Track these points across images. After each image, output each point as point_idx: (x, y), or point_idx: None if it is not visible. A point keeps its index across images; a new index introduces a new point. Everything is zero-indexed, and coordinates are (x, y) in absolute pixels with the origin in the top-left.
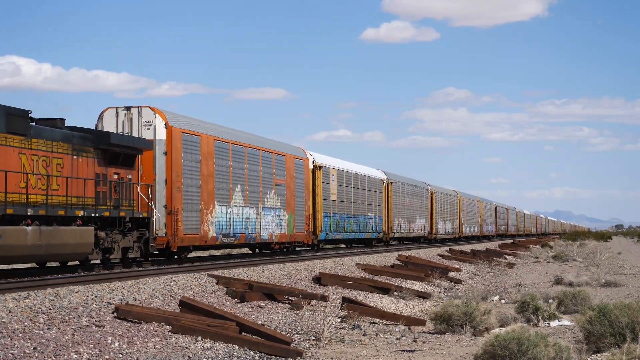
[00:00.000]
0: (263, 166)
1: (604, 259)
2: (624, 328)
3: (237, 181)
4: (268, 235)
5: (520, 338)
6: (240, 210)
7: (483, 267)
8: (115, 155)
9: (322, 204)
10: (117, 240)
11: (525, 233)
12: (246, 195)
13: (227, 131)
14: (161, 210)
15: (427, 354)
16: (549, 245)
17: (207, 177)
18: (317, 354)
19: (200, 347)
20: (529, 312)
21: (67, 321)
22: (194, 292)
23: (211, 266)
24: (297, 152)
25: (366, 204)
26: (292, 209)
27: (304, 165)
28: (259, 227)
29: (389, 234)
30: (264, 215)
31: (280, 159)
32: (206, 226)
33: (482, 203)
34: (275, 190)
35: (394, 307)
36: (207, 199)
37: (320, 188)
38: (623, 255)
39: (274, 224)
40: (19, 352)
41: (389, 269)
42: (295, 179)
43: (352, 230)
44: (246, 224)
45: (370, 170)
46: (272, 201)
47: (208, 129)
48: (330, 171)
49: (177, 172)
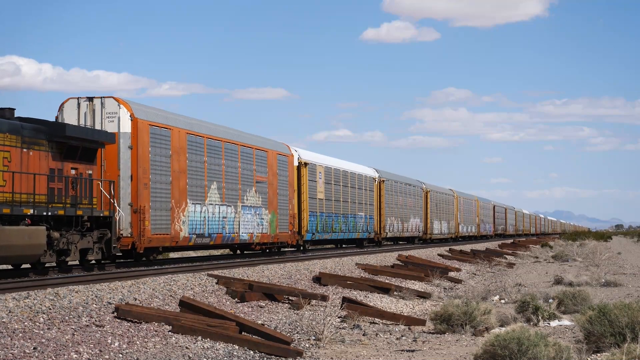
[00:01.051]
0: (242, 162)
1: (604, 259)
2: (624, 328)
3: (213, 178)
4: (248, 236)
5: (520, 338)
6: (216, 208)
7: (483, 267)
8: (73, 149)
9: (308, 203)
10: (74, 241)
11: (525, 233)
12: (223, 193)
13: (201, 124)
14: (126, 208)
15: (427, 354)
16: (549, 245)
17: (179, 173)
18: (317, 353)
19: (200, 347)
20: (529, 312)
21: (67, 321)
22: (194, 292)
23: (211, 266)
24: (281, 148)
25: (356, 203)
26: (274, 207)
27: (288, 161)
28: (238, 227)
29: (381, 234)
30: (243, 214)
31: (261, 154)
32: (177, 226)
33: (480, 202)
34: (256, 187)
35: (394, 307)
36: (179, 197)
37: (306, 186)
38: (623, 255)
39: (255, 224)
40: (19, 352)
41: (389, 269)
42: (279, 176)
43: (340, 230)
44: (223, 223)
45: (360, 167)
46: (252, 199)
47: (180, 121)
48: (317, 168)
49: (144, 168)
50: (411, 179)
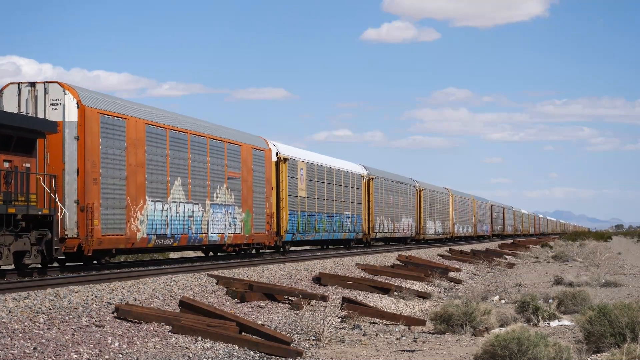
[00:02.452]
0: (212, 157)
1: (604, 259)
2: (624, 328)
3: (176, 173)
4: (218, 236)
5: (520, 338)
6: (180, 207)
7: (483, 267)
8: (6, 139)
9: (287, 201)
10: (7, 242)
11: (523, 233)
12: (189, 190)
13: (163, 114)
14: (72, 206)
15: (427, 354)
16: (548, 246)
17: (136, 167)
18: (317, 354)
19: (200, 347)
20: (529, 312)
21: (67, 321)
22: (194, 292)
23: (211, 266)
24: (257, 142)
25: (342, 202)
26: (249, 206)
27: (265, 156)
28: (207, 227)
29: (370, 234)
30: (212, 213)
31: (234, 149)
32: (134, 225)
33: (477, 202)
34: (227, 184)
35: (394, 307)
36: (136, 194)
37: (285, 183)
38: (623, 255)
39: (226, 223)
40: (19, 352)
41: (389, 269)
42: (254, 172)
43: (325, 230)
44: (189, 223)
45: (347, 164)
46: (223, 197)
47: (137, 110)
48: (299, 164)
49: (93, 161)
50: (403, 176)
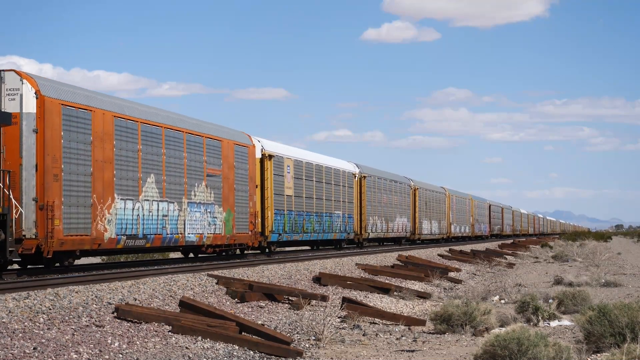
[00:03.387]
0: (189, 152)
1: (604, 259)
2: (624, 328)
3: (149, 170)
4: (196, 237)
5: (520, 338)
6: (154, 205)
7: (483, 267)
8: None
9: (273, 200)
10: None
11: (522, 233)
12: (163, 187)
13: (134, 107)
14: (30, 204)
15: (427, 354)
16: (548, 246)
17: (103, 163)
18: (317, 354)
19: (200, 347)
20: (529, 312)
21: (67, 321)
22: (194, 292)
23: (211, 266)
24: (239, 138)
25: (332, 201)
26: (230, 205)
27: (249, 153)
28: (183, 227)
29: (363, 234)
30: (190, 212)
31: (214, 144)
32: (101, 225)
33: (474, 201)
34: (206, 182)
35: (394, 307)
36: (103, 191)
37: (270, 181)
38: (623, 255)
39: (205, 223)
40: (19, 352)
41: (389, 269)
42: (236, 170)
43: (313, 230)
44: (163, 222)
45: (338, 162)
46: (201, 195)
47: (105, 102)
48: (285, 161)
49: (54, 156)
50: (397, 175)
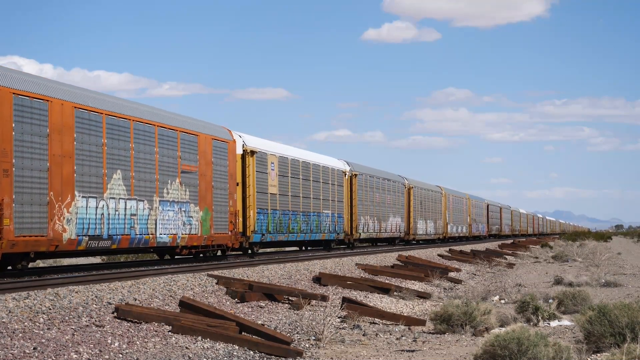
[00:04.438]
0: (161, 147)
1: (604, 259)
2: (624, 328)
3: (115, 165)
4: (169, 237)
5: (520, 338)
6: (121, 203)
7: (483, 267)
8: None
9: (255, 198)
10: None
11: (521, 233)
12: (132, 184)
13: (99, 98)
14: None
15: (427, 354)
16: (548, 246)
17: (62, 158)
18: (317, 354)
19: (200, 347)
20: (529, 312)
21: (67, 321)
22: (194, 292)
23: (211, 266)
24: (218, 132)
25: (321, 199)
26: (208, 203)
27: (229, 148)
28: (154, 227)
29: (353, 234)
30: (162, 211)
31: (189, 139)
32: (59, 225)
33: (472, 201)
34: (181, 179)
35: (394, 307)
36: (62, 188)
37: (252, 178)
38: (623, 255)
39: (180, 223)
40: (19, 352)
41: (389, 269)
42: (214, 166)
43: (300, 230)
44: (132, 222)
45: (327, 159)
46: (175, 193)
47: (65, 92)
48: (269, 158)
49: (4, 150)
50: (391, 173)
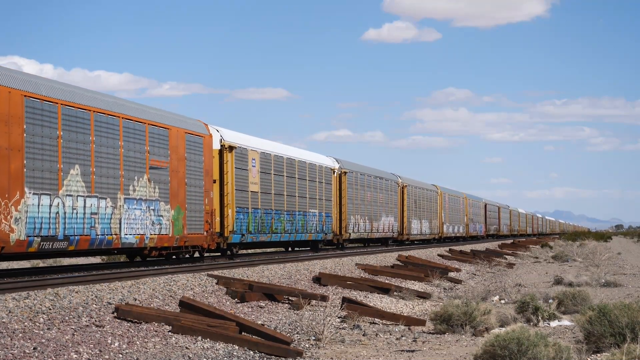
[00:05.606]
0: (127, 141)
1: (604, 259)
2: (624, 328)
3: (73, 160)
4: (136, 238)
5: (520, 338)
6: (79, 201)
7: (483, 267)
8: None
9: (234, 196)
10: None
11: (520, 233)
12: (92, 181)
13: (54, 86)
14: None
15: (427, 354)
16: (548, 246)
17: (9, 151)
18: (317, 354)
19: (200, 347)
20: (528, 312)
21: (67, 321)
22: (194, 292)
23: (211, 266)
24: (193, 126)
25: (307, 198)
26: (181, 201)
27: (204, 143)
28: (118, 226)
29: (343, 234)
30: (128, 209)
31: (159, 133)
32: (5, 225)
33: (469, 200)
34: (149, 175)
35: (394, 307)
36: (9, 185)
37: (231, 175)
38: (623, 255)
39: (148, 222)
40: (19, 352)
41: (388, 269)
42: (188, 162)
43: (284, 230)
44: (92, 221)
45: (314, 155)
46: (143, 190)
47: (12, 79)
48: (250, 154)
49: None
50: (383, 171)
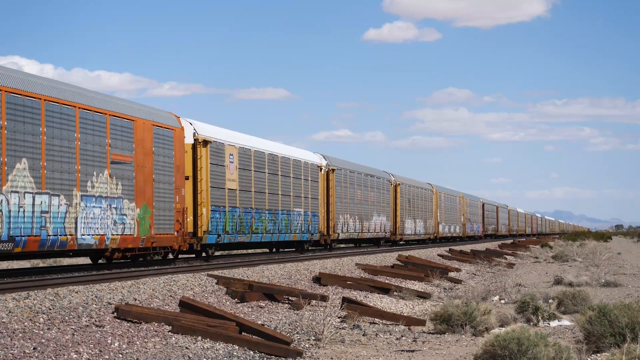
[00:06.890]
0: (85, 133)
1: (604, 259)
2: (624, 328)
3: (19, 153)
4: (95, 239)
5: (520, 338)
6: (27, 198)
7: (483, 267)
8: None
9: (209, 194)
10: None
11: (519, 233)
12: (42, 176)
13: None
14: None
15: (427, 354)
16: (548, 246)
17: None
18: (317, 354)
19: (200, 347)
20: (529, 312)
21: (67, 321)
22: (194, 292)
23: (211, 266)
24: (162, 118)
25: (291, 196)
26: (147, 199)
27: (175, 137)
28: (74, 226)
29: (331, 235)
30: (85, 207)
31: (123, 124)
32: None
33: (466, 199)
34: (111, 170)
35: (394, 307)
36: None
37: (206, 171)
38: (623, 255)
39: (109, 222)
40: (19, 352)
41: (388, 269)
42: (156, 157)
43: (265, 230)
44: (42, 221)
45: (299, 152)
46: (103, 187)
47: None
48: (227, 149)
49: None
50: (374, 169)
